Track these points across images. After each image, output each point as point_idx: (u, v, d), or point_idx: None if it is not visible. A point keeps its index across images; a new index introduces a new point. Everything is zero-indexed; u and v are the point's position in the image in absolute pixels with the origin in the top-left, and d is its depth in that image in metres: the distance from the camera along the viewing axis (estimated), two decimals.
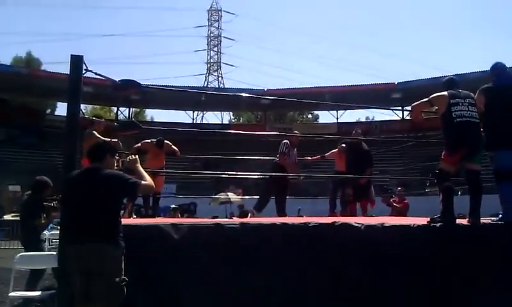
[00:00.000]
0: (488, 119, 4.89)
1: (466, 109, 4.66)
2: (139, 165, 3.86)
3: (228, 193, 18.36)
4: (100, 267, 3.21)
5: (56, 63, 62.15)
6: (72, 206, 3.47)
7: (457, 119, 4.65)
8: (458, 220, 4.68)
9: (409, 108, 4.91)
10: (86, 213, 3.33)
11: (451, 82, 5.06)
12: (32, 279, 5.86)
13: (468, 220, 4.63)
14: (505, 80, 5.03)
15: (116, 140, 6.80)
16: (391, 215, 9.77)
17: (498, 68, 5.14)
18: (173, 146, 8.69)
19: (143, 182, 3.62)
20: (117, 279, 3.23)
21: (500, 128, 4.80)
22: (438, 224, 4.43)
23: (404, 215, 9.56)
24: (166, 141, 8.56)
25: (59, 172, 4.32)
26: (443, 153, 4.76)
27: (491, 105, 4.87)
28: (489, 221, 4.82)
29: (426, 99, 5.02)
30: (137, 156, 4.02)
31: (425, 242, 4.19)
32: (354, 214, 7.97)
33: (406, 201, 10.63)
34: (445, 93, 4.86)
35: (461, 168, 4.92)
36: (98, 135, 6.70)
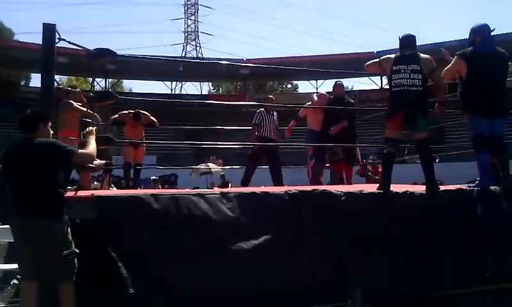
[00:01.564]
0: (467, 85, 4.84)
1: (408, 77, 4.58)
2: (92, 136, 3.71)
3: (209, 164, 18.33)
4: (42, 241, 3.14)
5: (29, 33, 60.38)
6: (9, 180, 3.33)
7: (395, 88, 4.66)
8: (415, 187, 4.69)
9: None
10: (22, 185, 3.22)
11: (403, 42, 4.83)
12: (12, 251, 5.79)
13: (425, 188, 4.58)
14: (489, 45, 4.89)
15: (93, 112, 6.69)
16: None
17: (483, 31, 4.95)
18: (151, 117, 8.59)
19: (79, 151, 3.47)
20: (64, 253, 3.15)
21: (480, 95, 4.74)
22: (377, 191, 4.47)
23: None
24: (144, 112, 8.45)
25: None
26: None
27: (473, 71, 4.77)
28: (461, 187, 4.82)
29: (377, 59, 5.00)
30: (94, 128, 3.89)
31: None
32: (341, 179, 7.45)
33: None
34: (391, 56, 4.81)
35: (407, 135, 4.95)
36: (77, 105, 6.58)
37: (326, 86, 38.33)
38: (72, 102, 6.54)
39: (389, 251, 3.99)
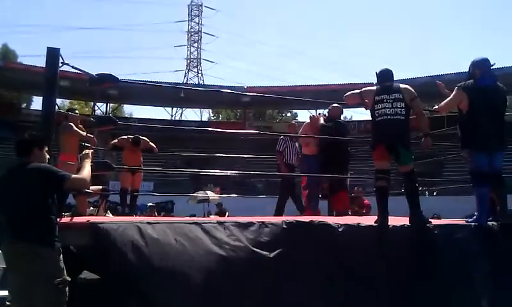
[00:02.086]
0: (467, 118, 4.84)
1: (390, 106, 4.57)
2: (88, 160, 3.65)
3: (207, 191, 18.29)
4: (33, 268, 3.07)
5: (33, 56, 60.88)
6: (2, 205, 3.25)
7: (378, 118, 4.65)
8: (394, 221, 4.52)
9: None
10: (14, 210, 3.17)
11: (382, 76, 4.86)
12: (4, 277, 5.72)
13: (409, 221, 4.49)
14: (490, 79, 4.90)
15: (92, 136, 6.69)
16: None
17: (483, 65, 4.95)
18: (150, 143, 8.60)
19: (73, 176, 3.40)
20: (55, 281, 3.09)
21: (480, 129, 4.74)
22: (374, 225, 4.36)
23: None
24: (143, 138, 8.47)
25: None
26: None
27: (473, 105, 4.78)
28: (457, 222, 4.79)
29: (358, 91, 5.00)
30: (90, 152, 3.86)
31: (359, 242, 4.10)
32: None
33: (366, 202, 9.35)
34: (373, 88, 4.84)
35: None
36: (77, 129, 6.59)
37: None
38: (72, 124, 6.55)
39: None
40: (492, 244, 4.53)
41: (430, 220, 4.58)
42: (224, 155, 7.37)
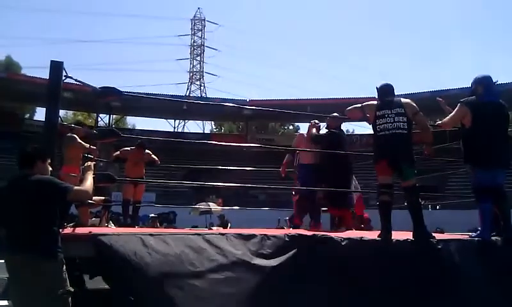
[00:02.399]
0: (470, 134, 4.84)
1: (392, 121, 4.58)
2: (90, 172, 3.68)
3: (209, 203, 18.25)
4: (36, 279, 3.08)
5: (36, 68, 61.33)
6: (4, 217, 3.27)
7: (380, 133, 4.65)
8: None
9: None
10: (17, 222, 3.18)
11: (383, 90, 4.87)
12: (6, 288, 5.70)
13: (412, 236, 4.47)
14: (492, 95, 4.91)
15: (95, 147, 6.70)
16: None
17: (487, 82, 4.96)
18: (152, 155, 8.62)
19: (75, 188, 3.41)
20: (59, 292, 3.10)
21: (483, 146, 4.73)
22: (377, 239, 4.34)
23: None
24: (146, 151, 8.49)
25: None
26: None
27: (476, 121, 4.78)
28: (460, 237, 4.76)
29: (359, 105, 5.00)
30: (92, 164, 3.86)
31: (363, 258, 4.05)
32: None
33: (365, 216, 9.26)
34: (374, 103, 4.84)
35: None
36: (80, 141, 6.61)
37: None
38: (76, 136, 6.57)
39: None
40: (496, 259, 4.50)
41: (433, 235, 4.56)
42: (226, 168, 7.34)
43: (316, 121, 6.97)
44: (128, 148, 8.44)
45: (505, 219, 4.85)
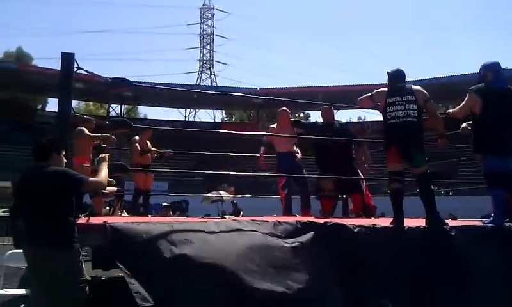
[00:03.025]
0: (481, 121, 4.80)
1: (402, 108, 4.54)
2: (105, 163, 3.72)
3: (220, 191, 18.28)
4: (53, 270, 3.13)
5: (47, 59, 61.70)
6: (20, 209, 3.34)
7: (391, 121, 4.62)
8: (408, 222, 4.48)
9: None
10: (33, 214, 3.22)
11: (394, 77, 4.81)
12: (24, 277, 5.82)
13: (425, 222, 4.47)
14: (501, 81, 4.86)
15: (109, 135, 6.77)
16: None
17: (495, 68, 4.92)
18: (155, 154, 8.68)
19: (90, 179, 3.46)
20: (75, 282, 3.16)
21: (494, 133, 4.70)
22: (390, 226, 4.33)
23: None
24: (153, 149, 8.50)
25: None
26: None
27: (487, 108, 4.73)
28: (473, 224, 4.75)
29: (369, 94, 4.97)
30: (106, 155, 3.89)
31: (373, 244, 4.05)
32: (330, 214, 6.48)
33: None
34: (384, 90, 4.79)
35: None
36: (89, 133, 6.68)
37: (339, 116, 38.47)
38: (84, 129, 6.65)
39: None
40: (509, 245, 4.47)
41: (446, 221, 4.56)
42: (237, 154, 7.39)
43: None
44: (137, 137, 8.47)
45: None
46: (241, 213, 13.95)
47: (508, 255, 4.37)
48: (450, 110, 5.36)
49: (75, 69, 4.27)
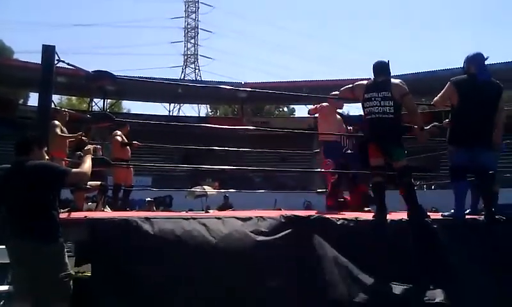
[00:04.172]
0: (456, 113, 4.78)
1: (378, 105, 4.55)
2: (89, 155, 3.71)
3: (205, 186, 18.24)
4: (38, 264, 3.11)
5: (29, 52, 60.82)
6: (3, 202, 3.30)
7: (367, 116, 4.67)
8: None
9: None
10: (17, 208, 3.20)
11: (375, 69, 4.74)
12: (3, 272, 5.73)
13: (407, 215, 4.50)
14: (484, 74, 4.78)
15: (81, 133, 6.72)
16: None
17: (477, 60, 4.85)
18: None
19: (73, 170, 3.47)
20: (60, 276, 3.14)
21: (463, 125, 4.68)
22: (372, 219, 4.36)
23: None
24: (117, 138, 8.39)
25: None
26: None
27: (463, 101, 4.70)
28: (437, 217, 4.75)
29: (350, 85, 4.99)
30: (91, 147, 3.88)
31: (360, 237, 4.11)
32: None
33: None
34: (364, 83, 4.80)
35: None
36: (59, 131, 6.62)
37: None
38: (56, 122, 6.58)
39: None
40: (469, 237, 4.46)
41: (428, 214, 4.62)
42: (221, 149, 7.35)
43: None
44: (118, 131, 8.37)
45: (486, 199, 4.82)
46: (232, 208, 13.88)
47: (466, 246, 4.35)
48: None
49: (56, 62, 4.22)
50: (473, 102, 4.66)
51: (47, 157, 3.58)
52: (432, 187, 20.79)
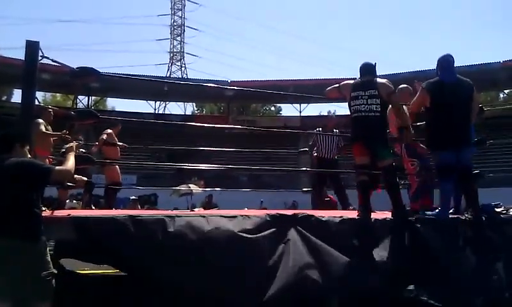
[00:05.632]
0: (431, 116, 4.83)
1: (365, 103, 4.58)
2: (72, 153, 3.63)
3: (190, 185, 18.17)
4: (19, 262, 3.06)
5: (12, 48, 59.92)
6: None
7: (353, 115, 4.69)
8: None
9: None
10: None
11: (362, 69, 4.84)
12: None
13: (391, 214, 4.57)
14: (450, 76, 4.85)
15: (65, 131, 6.67)
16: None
17: (445, 62, 4.92)
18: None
19: (57, 168, 3.41)
20: (42, 274, 3.10)
21: (442, 126, 4.72)
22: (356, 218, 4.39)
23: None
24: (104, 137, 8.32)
25: None
26: None
27: (436, 103, 4.76)
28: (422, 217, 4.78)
29: (337, 85, 5.02)
30: (74, 144, 3.82)
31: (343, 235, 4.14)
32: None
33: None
34: (350, 82, 4.84)
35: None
36: (43, 130, 6.56)
37: (310, 110, 38.78)
38: (40, 121, 6.53)
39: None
40: (453, 237, 4.51)
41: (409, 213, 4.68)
42: (207, 149, 7.27)
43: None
44: (110, 130, 8.32)
45: (469, 198, 4.89)
46: (217, 207, 13.83)
47: (453, 246, 4.43)
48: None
49: (40, 58, 4.16)
50: (446, 104, 4.72)
51: (29, 155, 3.53)
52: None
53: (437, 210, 4.87)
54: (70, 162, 3.51)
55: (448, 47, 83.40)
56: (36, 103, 4.52)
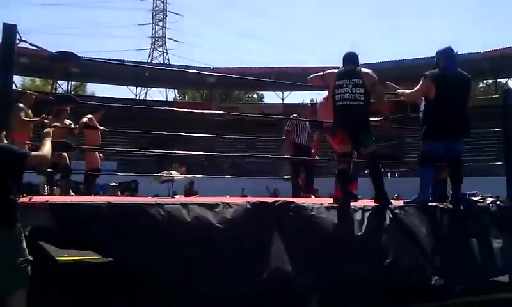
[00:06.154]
0: (433, 107, 4.89)
1: (349, 91, 4.63)
2: (49, 138, 3.55)
3: (171, 171, 18.10)
4: None
5: None
6: None
7: (338, 103, 4.73)
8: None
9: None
10: None
11: (345, 59, 4.90)
12: None
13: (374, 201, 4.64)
14: (454, 67, 4.98)
15: (44, 116, 6.58)
16: None
17: (448, 54, 5.03)
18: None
19: (33, 153, 3.36)
20: (17, 261, 3.06)
21: (445, 118, 4.81)
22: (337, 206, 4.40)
23: None
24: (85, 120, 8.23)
25: None
26: None
27: (441, 94, 4.83)
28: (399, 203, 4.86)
29: (321, 73, 5.05)
30: (50, 130, 3.76)
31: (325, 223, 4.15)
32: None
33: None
34: (335, 71, 4.88)
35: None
36: (23, 110, 6.46)
37: (292, 97, 38.77)
38: (21, 105, 6.43)
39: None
40: (430, 222, 4.58)
41: (391, 201, 4.74)
42: (188, 134, 7.25)
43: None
44: (90, 115, 8.22)
45: (457, 186, 5.01)
46: (197, 194, 13.83)
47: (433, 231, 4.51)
48: (400, 90, 5.48)
49: (17, 41, 4.08)
50: (449, 96, 4.82)
51: (5, 141, 3.47)
52: (396, 174, 21.23)
53: (415, 196, 4.94)
54: (47, 148, 3.45)
55: (430, 37, 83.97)
56: (14, 87, 4.42)
